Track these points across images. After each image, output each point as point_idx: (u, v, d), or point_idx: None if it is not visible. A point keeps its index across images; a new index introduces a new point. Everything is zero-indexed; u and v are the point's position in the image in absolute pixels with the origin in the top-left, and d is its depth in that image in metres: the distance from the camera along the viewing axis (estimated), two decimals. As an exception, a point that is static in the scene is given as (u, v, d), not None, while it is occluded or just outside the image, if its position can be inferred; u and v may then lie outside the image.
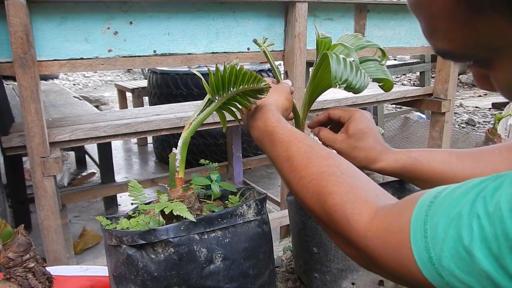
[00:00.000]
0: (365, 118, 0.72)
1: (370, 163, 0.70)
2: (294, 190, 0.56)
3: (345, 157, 0.69)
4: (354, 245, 0.46)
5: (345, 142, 0.71)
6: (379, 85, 0.79)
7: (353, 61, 0.69)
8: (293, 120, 0.83)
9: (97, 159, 2.67)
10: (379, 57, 0.80)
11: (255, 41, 0.74)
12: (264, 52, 0.75)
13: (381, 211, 0.45)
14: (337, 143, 0.72)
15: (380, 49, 0.79)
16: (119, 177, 3.18)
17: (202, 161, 0.87)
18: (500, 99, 4.83)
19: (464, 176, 0.63)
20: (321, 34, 0.73)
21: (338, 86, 0.66)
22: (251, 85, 0.68)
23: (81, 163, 3.37)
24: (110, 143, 2.51)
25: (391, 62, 4.10)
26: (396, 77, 6.54)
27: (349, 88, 0.67)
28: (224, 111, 0.73)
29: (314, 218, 0.54)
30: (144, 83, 4.08)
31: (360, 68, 0.69)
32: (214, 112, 0.70)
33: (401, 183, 0.75)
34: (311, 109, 0.83)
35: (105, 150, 2.54)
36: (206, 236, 0.61)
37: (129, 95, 4.08)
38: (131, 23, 1.25)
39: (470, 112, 4.51)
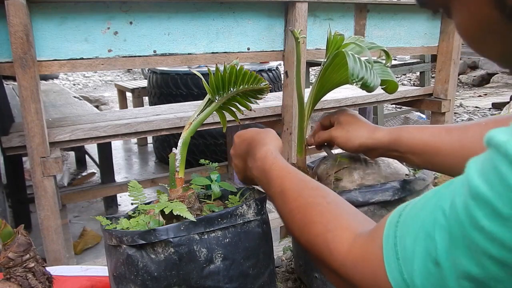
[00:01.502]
0: (349, 110, 0.80)
1: (367, 139, 0.74)
2: (286, 224, 0.58)
3: (343, 143, 0.76)
4: (336, 273, 0.47)
5: (339, 130, 0.77)
6: (382, 88, 0.79)
7: (366, 60, 0.69)
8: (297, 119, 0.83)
9: (97, 159, 2.68)
10: (380, 57, 0.80)
11: (291, 30, 0.75)
12: (298, 43, 0.75)
13: (359, 238, 0.46)
14: (332, 133, 0.78)
15: (385, 51, 0.79)
16: (119, 177, 3.18)
17: (202, 161, 0.87)
18: (500, 99, 4.83)
19: (453, 148, 0.65)
20: (336, 32, 0.73)
21: (355, 83, 0.67)
22: (251, 85, 0.68)
23: (81, 163, 3.37)
24: (110, 143, 2.51)
25: (391, 62, 4.09)
26: (396, 77, 6.53)
27: (364, 86, 0.68)
28: (224, 111, 0.73)
29: (304, 249, 0.54)
30: (144, 83, 4.08)
31: (372, 68, 0.69)
32: (214, 112, 0.70)
33: (402, 183, 0.75)
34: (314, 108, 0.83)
35: (105, 150, 2.54)
36: (206, 236, 0.61)
37: (129, 95, 4.08)
38: (131, 23, 1.25)
39: (470, 112, 4.51)
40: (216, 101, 0.68)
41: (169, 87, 3.14)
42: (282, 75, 2.73)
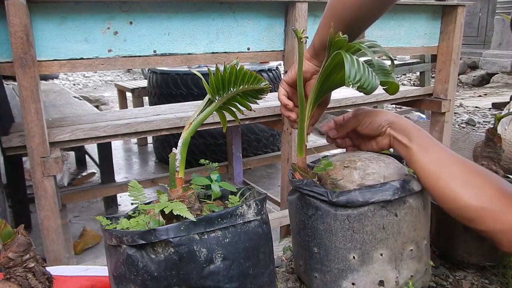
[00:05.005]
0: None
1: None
2: None
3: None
4: None
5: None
6: (383, 88, 0.79)
7: (366, 62, 0.69)
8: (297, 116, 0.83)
9: (97, 159, 2.68)
10: (381, 57, 0.80)
11: (294, 30, 0.74)
12: (301, 43, 0.74)
13: None
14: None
15: (390, 57, 0.78)
16: (119, 177, 3.18)
17: (202, 161, 0.87)
18: (500, 99, 4.83)
19: None
20: (339, 33, 0.72)
21: (351, 85, 0.66)
22: (251, 85, 0.68)
23: (81, 163, 3.37)
24: (110, 143, 2.51)
25: (391, 62, 4.10)
26: (396, 77, 6.54)
27: (361, 88, 0.67)
28: (224, 111, 0.73)
29: None
30: (144, 83, 4.08)
31: (371, 70, 0.69)
32: (214, 112, 0.70)
33: (402, 183, 0.75)
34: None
35: (105, 150, 2.54)
36: (206, 236, 0.61)
37: (129, 95, 4.08)
38: (131, 23, 1.25)
39: (470, 112, 4.51)
40: (216, 101, 0.68)
41: (169, 87, 3.15)
42: (282, 75, 2.72)
